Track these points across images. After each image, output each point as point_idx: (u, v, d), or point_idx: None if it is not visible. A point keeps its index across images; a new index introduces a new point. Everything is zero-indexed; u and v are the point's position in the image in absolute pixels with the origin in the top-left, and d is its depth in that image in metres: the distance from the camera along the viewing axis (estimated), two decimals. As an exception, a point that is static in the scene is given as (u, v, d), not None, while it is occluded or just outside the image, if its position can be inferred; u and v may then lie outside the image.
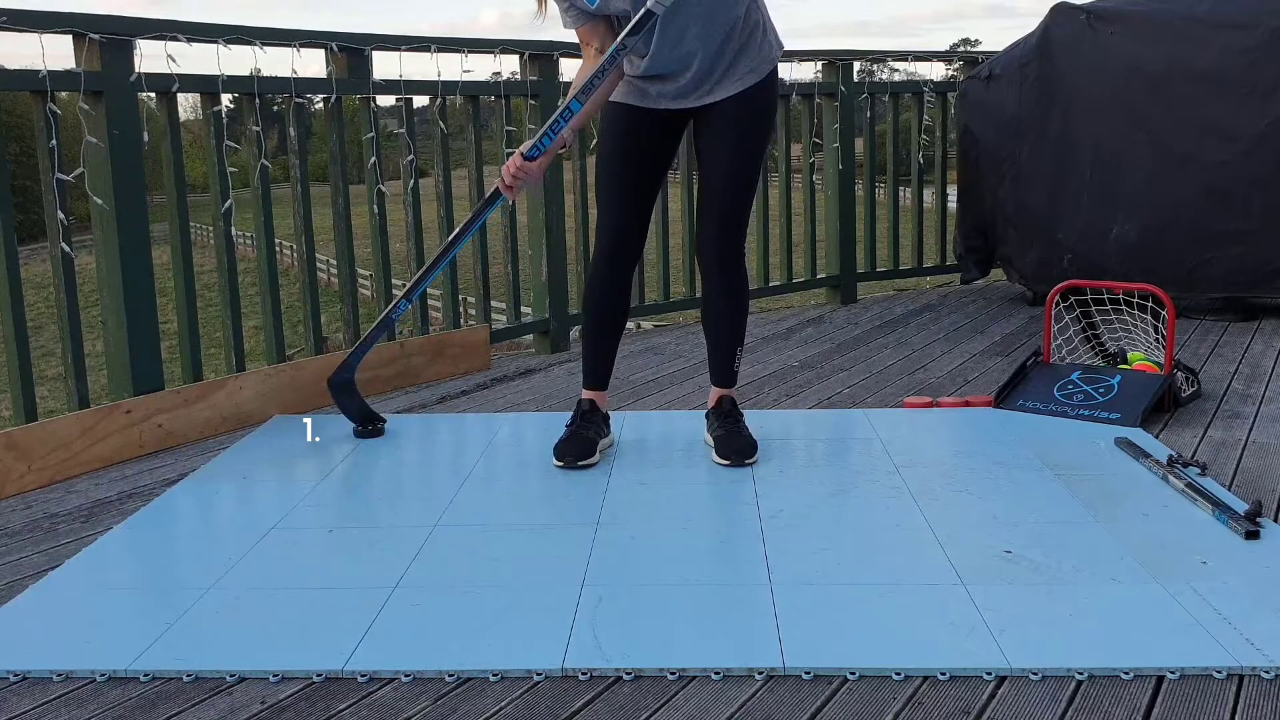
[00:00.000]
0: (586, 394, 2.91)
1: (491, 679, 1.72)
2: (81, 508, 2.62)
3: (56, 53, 3.08)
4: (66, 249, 3.00)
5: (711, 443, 2.84)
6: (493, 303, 4.53)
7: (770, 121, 2.78)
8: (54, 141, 2.96)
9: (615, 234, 2.76)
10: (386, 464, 2.93)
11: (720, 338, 2.88)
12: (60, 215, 2.96)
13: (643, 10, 2.47)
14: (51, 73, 2.95)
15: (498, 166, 4.23)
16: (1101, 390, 3.17)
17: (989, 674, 1.69)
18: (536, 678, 1.72)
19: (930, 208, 5.69)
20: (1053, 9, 4.92)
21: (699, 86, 2.65)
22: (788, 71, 5.08)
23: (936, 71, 5.65)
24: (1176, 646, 1.74)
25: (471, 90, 4.09)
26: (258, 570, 2.15)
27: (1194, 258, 4.50)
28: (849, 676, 1.70)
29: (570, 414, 2.90)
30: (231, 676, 1.74)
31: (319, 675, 1.74)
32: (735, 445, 2.76)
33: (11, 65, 3.15)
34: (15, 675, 1.77)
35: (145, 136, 3.12)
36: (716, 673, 1.72)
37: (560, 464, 2.75)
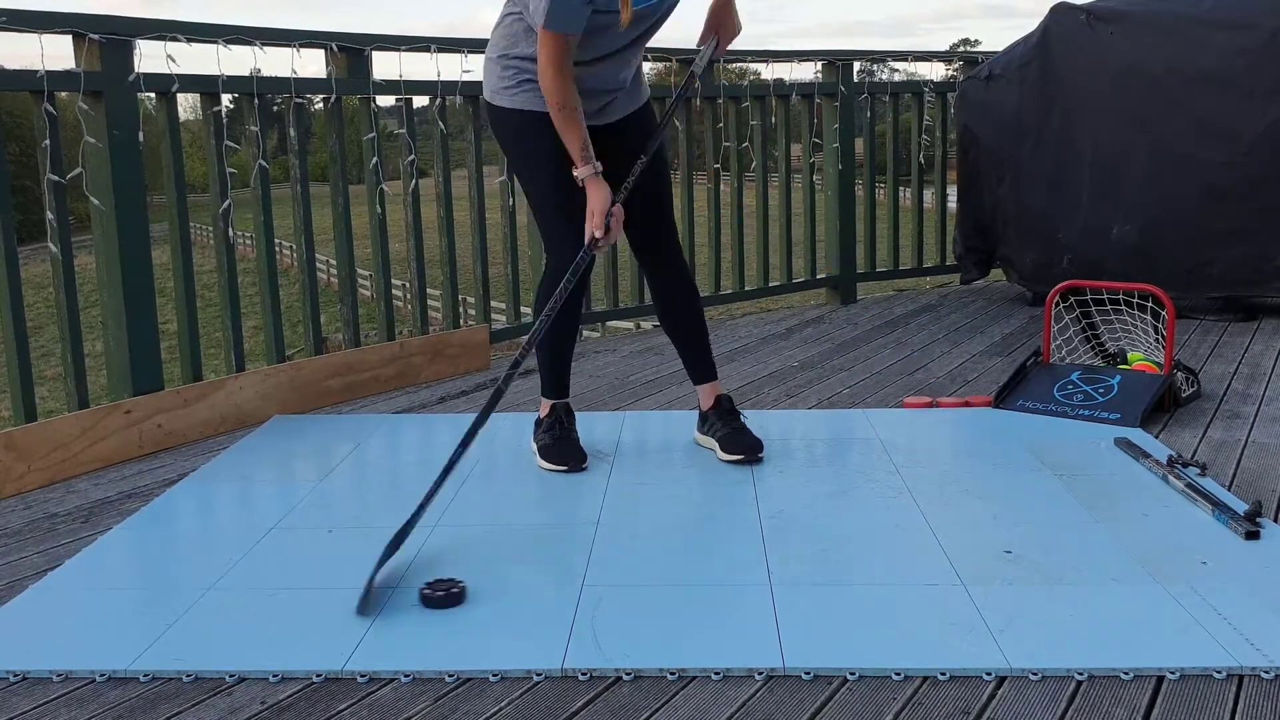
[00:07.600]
0: (559, 400, 2.89)
1: (491, 679, 1.72)
2: (81, 508, 2.62)
3: (56, 53, 3.08)
4: (54, 249, 2.99)
5: (712, 443, 2.84)
6: (492, 303, 4.52)
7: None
8: (48, 141, 2.96)
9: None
10: (386, 464, 2.93)
11: (697, 335, 2.91)
12: (49, 216, 2.96)
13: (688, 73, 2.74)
14: (51, 73, 2.95)
15: (498, 166, 4.25)
16: (1101, 390, 3.17)
17: (989, 674, 1.69)
18: (536, 678, 1.72)
19: (930, 208, 5.69)
20: (1053, 9, 4.92)
21: (610, 105, 2.75)
22: (787, 71, 5.09)
23: (936, 71, 5.66)
24: (1176, 647, 1.74)
25: (471, 90, 4.08)
26: (258, 570, 2.16)
27: (1194, 258, 4.50)
28: (849, 677, 1.70)
29: (541, 418, 2.88)
30: (231, 676, 1.75)
31: (319, 675, 1.74)
32: (747, 441, 2.78)
33: (11, 65, 3.15)
34: (15, 675, 1.77)
35: (141, 137, 3.12)
36: (716, 673, 1.72)
37: (565, 468, 2.75)
